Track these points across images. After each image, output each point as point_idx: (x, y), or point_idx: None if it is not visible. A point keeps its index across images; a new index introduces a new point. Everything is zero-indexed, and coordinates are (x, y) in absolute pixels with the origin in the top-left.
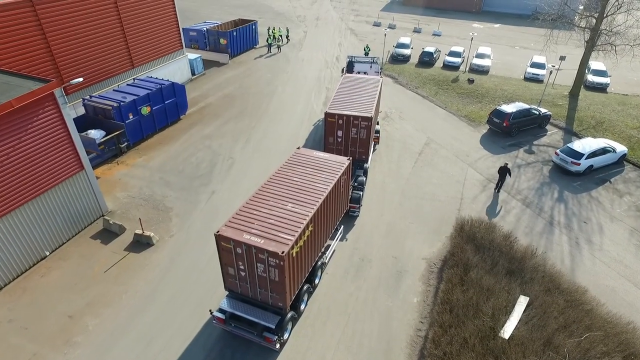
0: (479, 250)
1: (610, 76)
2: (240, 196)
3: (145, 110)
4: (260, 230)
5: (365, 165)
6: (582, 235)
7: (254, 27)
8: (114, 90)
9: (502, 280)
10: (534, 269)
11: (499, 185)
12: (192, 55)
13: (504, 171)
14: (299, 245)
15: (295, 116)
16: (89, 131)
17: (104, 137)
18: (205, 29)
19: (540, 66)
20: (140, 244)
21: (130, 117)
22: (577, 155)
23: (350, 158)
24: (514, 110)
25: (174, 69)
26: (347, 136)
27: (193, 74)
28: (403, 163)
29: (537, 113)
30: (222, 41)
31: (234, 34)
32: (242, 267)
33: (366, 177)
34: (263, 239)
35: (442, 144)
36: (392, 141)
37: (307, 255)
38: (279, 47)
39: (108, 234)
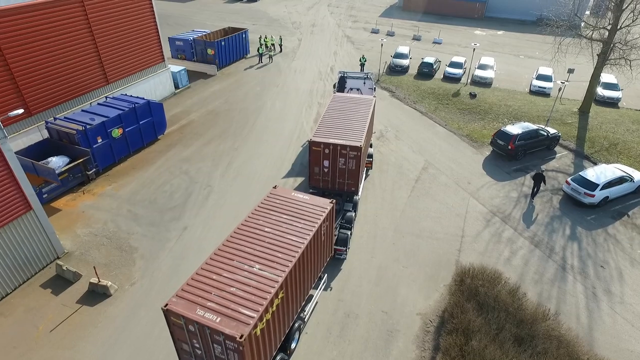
0: (482, 309)
1: (622, 90)
2: (213, 233)
3: (117, 132)
4: (218, 303)
5: (355, 197)
6: (600, 284)
7: (244, 35)
8: (82, 110)
9: (509, 350)
10: (547, 334)
11: (534, 193)
12: (176, 67)
13: (539, 178)
14: (265, 319)
15: (283, 136)
16: (50, 159)
17: (67, 164)
18: (191, 38)
19: (547, 79)
20: (96, 294)
21: (99, 140)
22: (591, 185)
23: (334, 201)
24: (520, 131)
25: (154, 84)
26: (335, 166)
27: (177, 87)
28: (398, 192)
29: (546, 134)
30: (210, 51)
31: (222, 43)
32: (197, 345)
33: (356, 211)
34: (220, 316)
35: (441, 169)
36: (387, 165)
37: (277, 326)
38: (270, 56)
39: (61, 281)
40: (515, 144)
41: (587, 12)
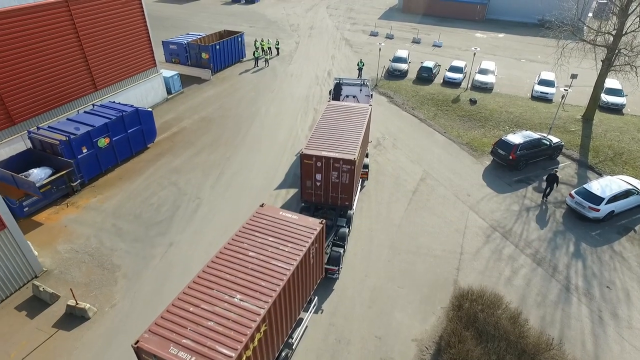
0: (481, 337)
1: (626, 95)
2: (200, 250)
3: (103, 142)
4: (193, 340)
5: (349, 212)
6: (606, 306)
7: (239, 39)
8: (67, 119)
9: None
10: None
11: (546, 193)
12: (168, 72)
13: (552, 179)
14: (245, 356)
15: (277, 144)
16: (31, 171)
17: (49, 176)
18: (185, 42)
19: (549, 84)
20: (74, 317)
21: (84, 151)
22: (596, 199)
23: (324, 221)
24: (522, 141)
25: (146, 89)
26: (327, 180)
27: (170, 92)
28: (394, 205)
29: (548, 143)
30: (204, 56)
31: (217, 47)
32: None
33: (350, 226)
34: (194, 355)
35: (440, 180)
36: (383, 176)
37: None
38: (266, 60)
39: (37, 302)
40: (517, 154)
41: (590, 14)
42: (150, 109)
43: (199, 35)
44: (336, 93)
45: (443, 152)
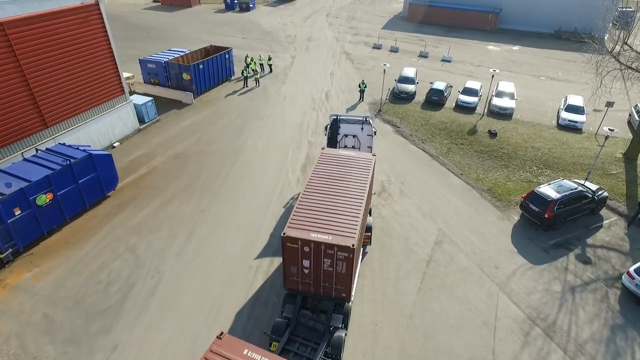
0: None
1: None
2: (151, 359)
3: (44, 199)
4: None
5: (346, 305)
6: None
7: (227, 56)
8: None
9: None
10: None
11: (635, 220)
12: (141, 99)
13: None
14: None
15: (262, 191)
16: None
17: None
18: (164, 60)
19: (578, 110)
20: None
21: (17, 213)
22: None
23: None
24: (560, 195)
25: (112, 121)
26: (318, 268)
27: (143, 122)
28: (404, 283)
29: (591, 196)
30: (185, 76)
31: (200, 67)
32: None
33: (347, 323)
34: None
35: (459, 243)
36: (390, 237)
37: None
38: (257, 80)
39: None
40: (554, 212)
41: (609, 25)
42: (109, 152)
43: (182, 51)
44: (333, 132)
45: (461, 202)
